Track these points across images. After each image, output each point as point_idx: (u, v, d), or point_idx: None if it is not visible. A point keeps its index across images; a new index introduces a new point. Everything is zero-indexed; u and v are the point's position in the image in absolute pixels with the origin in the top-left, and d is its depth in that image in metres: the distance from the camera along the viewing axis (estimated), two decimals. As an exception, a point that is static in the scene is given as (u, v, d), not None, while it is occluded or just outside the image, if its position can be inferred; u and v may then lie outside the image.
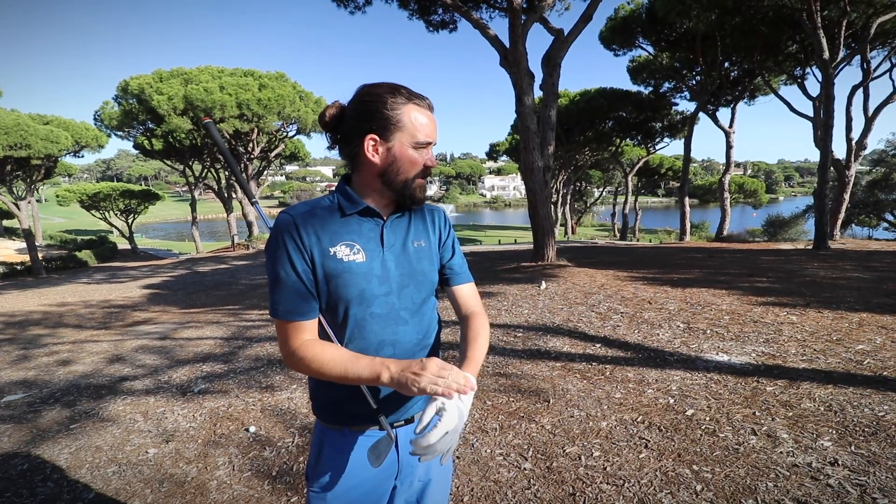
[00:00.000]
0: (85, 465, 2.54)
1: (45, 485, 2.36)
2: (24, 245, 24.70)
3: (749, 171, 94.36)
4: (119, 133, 21.50)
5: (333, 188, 1.05)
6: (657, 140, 25.25)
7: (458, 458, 2.31)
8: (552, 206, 9.07)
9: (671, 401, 2.71)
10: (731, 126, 18.46)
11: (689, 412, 2.56)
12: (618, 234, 30.72)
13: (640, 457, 2.18)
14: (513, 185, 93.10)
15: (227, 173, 25.12)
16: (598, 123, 23.07)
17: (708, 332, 3.90)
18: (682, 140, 20.29)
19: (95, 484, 2.35)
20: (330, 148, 1.04)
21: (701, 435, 2.32)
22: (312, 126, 22.53)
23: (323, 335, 1.01)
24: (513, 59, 8.35)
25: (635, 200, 31.13)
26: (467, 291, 1.15)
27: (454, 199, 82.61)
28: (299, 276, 0.95)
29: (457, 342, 4.03)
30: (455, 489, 2.06)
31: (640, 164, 27.74)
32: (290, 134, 23.92)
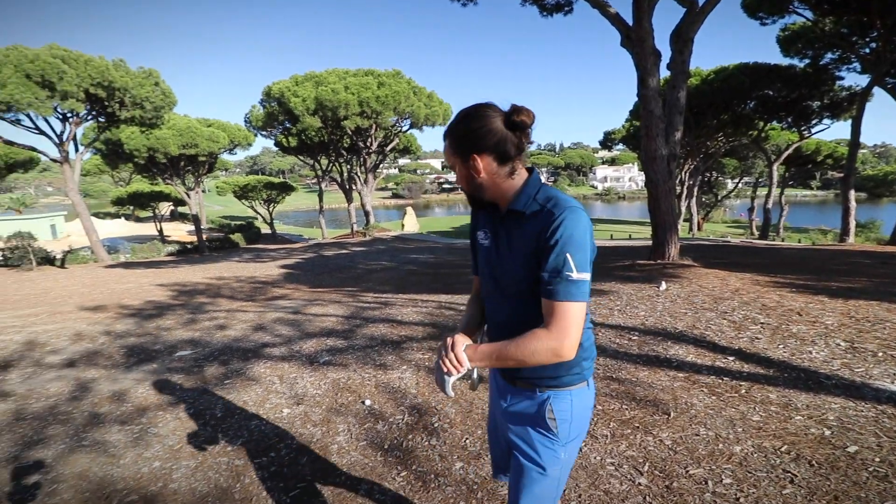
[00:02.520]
0: (235, 415, 2.99)
1: (205, 429, 2.83)
2: (192, 228, 29.78)
3: (946, 158, 75.23)
4: (263, 133, 24.67)
5: (441, 180, 1.15)
6: (813, 122, 21.36)
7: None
8: (676, 199, 8.19)
9: (827, 432, 2.29)
10: (922, 102, 14.83)
11: (852, 449, 2.14)
12: (756, 233, 26.82)
13: (784, 493, 1.88)
14: (628, 176, 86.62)
15: (348, 167, 27.25)
16: (737, 104, 20.26)
17: (879, 354, 3.21)
18: (849, 121, 16.87)
19: (241, 433, 2.75)
20: None
21: (867, 478, 1.92)
22: (424, 120, 23.41)
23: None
24: (636, 38, 7.69)
25: (781, 193, 26.84)
26: (548, 309, 1.06)
27: (561, 190, 79.42)
28: (471, 248, 1.36)
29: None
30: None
31: (790, 150, 23.73)
32: (404, 128, 25.13)
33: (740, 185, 39.74)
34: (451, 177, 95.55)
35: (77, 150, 17.41)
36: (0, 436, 2.83)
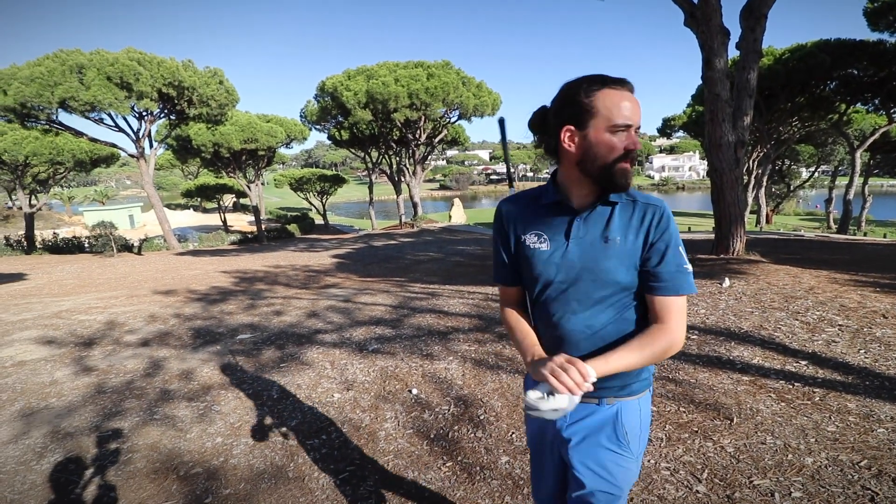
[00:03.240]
0: (290, 397, 3.13)
1: (263, 409, 2.99)
2: (252, 218, 31.46)
3: None
4: (318, 127, 25.49)
5: (489, 171, 1.07)
6: (908, 103, 19.07)
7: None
8: (743, 190, 7.59)
9: (917, 448, 2.06)
10: None
11: (949, 468, 1.90)
12: (834, 226, 24.52)
13: (865, 511, 1.71)
14: (688, 165, 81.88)
15: (397, 159, 27.66)
16: (816, 85, 18.45)
17: None
18: (954, 101, 14.93)
19: (295, 415, 2.87)
20: (537, 147, 1.14)
21: (969, 503, 1.71)
22: (473, 111, 23.22)
23: (524, 302, 1.22)
24: (702, 16, 7.16)
25: (864, 183, 24.32)
26: (667, 305, 1.03)
27: (616, 181, 76.19)
28: (502, 255, 1.18)
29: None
30: (612, 493, 1.93)
31: (877, 135, 21.30)
32: (453, 119, 25.06)
33: (817, 173, 36.41)
34: (500, 168, 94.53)
35: (151, 146, 18.83)
36: (85, 406, 3.14)
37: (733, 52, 7.72)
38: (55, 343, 4.58)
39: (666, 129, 30.03)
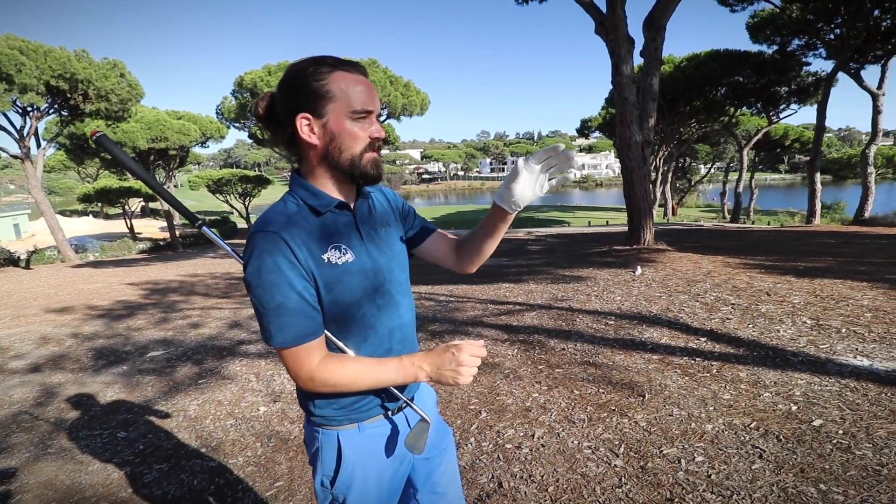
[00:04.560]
0: (209, 416, 2.91)
1: (178, 431, 2.75)
2: (165, 224, 28.91)
3: (905, 141, 78.47)
4: (237, 125, 23.94)
5: (421, 171, 1.05)
6: (781, 107, 21.97)
7: (542, 446, 2.25)
8: (650, 185, 8.32)
9: (793, 408, 2.37)
10: (880, 87, 15.28)
11: (817, 423, 2.22)
12: (728, 216, 27.57)
13: (753, 468, 1.94)
14: (605, 164, 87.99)
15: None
16: (709, 91, 20.64)
17: (843, 330, 3.34)
18: (815, 106, 17.41)
19: (217, 434, 2.68)
20: (272, 142, 0.95)
21: (832, 450, 2.00)
22: (402, 110, 23.12)
23: (330, 346, 0.94)
24: (610, 25, 7.71)
25: (751, 177, 27.60)
26: (442, 234, 1.16)
27: (542, 179, 79.91)
28: (302, 296, 0.85)
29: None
30: (540, 478, 2.01)
31: (759, 135, 24.39)
32: (382, 119, 24.79)
33: (713, 170, 40.71)
34: (431, 167, 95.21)
35: (39, 145, 16.61)
36: (-42, 447, 2.70)
37: (639, 60, 8.40)
38: (-85, 377, 3.89)
39: (584, 129, 31.98)
